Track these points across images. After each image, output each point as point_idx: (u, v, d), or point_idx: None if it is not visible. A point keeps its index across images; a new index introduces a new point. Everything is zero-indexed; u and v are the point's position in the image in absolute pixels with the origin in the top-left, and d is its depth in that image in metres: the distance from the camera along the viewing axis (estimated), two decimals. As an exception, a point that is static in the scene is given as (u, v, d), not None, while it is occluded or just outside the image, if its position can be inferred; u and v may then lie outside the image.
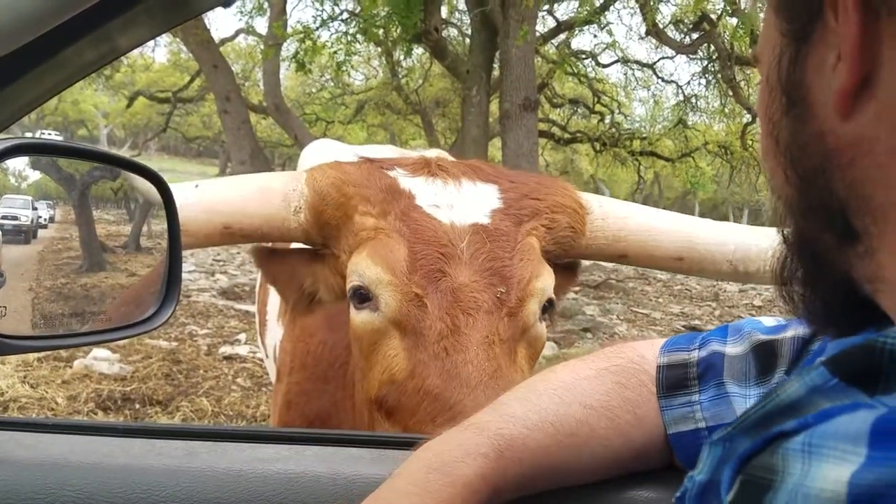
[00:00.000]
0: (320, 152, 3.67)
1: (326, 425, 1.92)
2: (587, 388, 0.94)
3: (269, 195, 1.62)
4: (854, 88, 0.56)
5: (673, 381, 0.95)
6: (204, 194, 1.60)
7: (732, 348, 0.95)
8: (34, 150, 0.98)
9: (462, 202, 1.62)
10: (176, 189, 1.68)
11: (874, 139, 0.56)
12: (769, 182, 0.71)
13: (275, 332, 2.62)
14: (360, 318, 1.51)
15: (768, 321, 0.98)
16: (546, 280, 1.58)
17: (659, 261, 1.77)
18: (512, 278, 1.52)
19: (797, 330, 0.92)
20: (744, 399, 0.90)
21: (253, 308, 9.05)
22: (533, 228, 1.61)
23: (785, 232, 0.70)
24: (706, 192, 22.89)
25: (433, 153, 2.19)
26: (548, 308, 1.58)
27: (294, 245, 1.78)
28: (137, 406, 5.64)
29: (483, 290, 1.48)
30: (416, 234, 1.54)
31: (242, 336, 7.86)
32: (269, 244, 1.78)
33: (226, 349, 7.31)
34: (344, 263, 1.58)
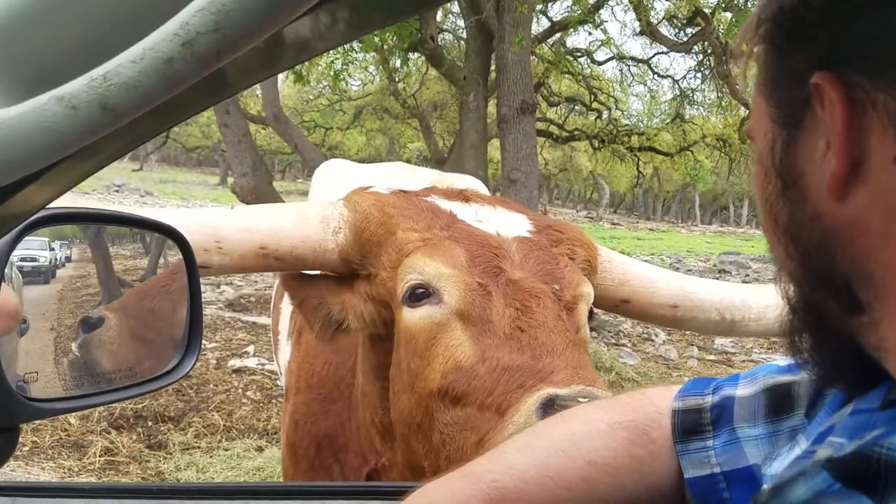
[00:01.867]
0: (333, 172, 3.74)
1: (333, 445, 1.97)
2: (596, 444, 0.94)
3: (307, 217, 1.67)
4: (845, 174, 0.57)
5: (688, 427, 0.96)
6: (240, 214, 1.66)
7: (743, 390, 0.96)
8: (60, 219, 1.02)
9: (501, 220, 1.70)
10: (211, 210, 1.74)
11: (868, 222, 0.58)
12: (771, 253, 0.72)
13: (285, 352, 2.67)
14: (417, 314, 1.53)
15: (782, 361, 0.98)
16: (590, 287, 1.65)
17: (657, 308, 1.87)
18: (563, 279, 1.59)
19: None
20: (755, 440, 0.91)
21: (260, 319, 9.10)
22: (561, 253, 1.69)
23: (789, 295, 0.71)
24: (706, 184, 22.95)
25: (464, 180, 2.29)
26: (591, 316, 1.65)
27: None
28: (150, 423, 5.69)
29: (542, 283, 1.54)
30: (468, 238, 1.60)
31: (251, 348, 7.91)
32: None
33: (235, 362, 7.35)
34: (384, 281, 1.61)
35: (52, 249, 1.54)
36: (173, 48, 0.52)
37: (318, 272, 1.79)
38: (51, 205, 0.85)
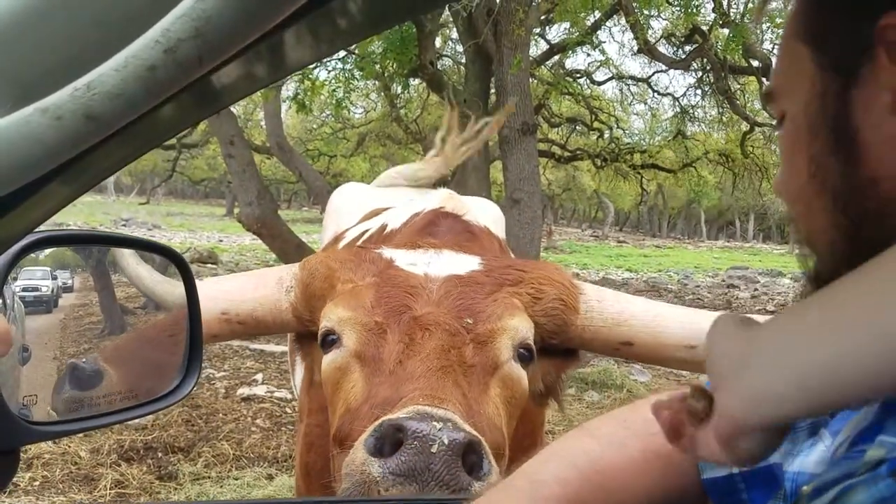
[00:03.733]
0: (350, 196, 3.78)
1: None
2: (630, 482, 0.92)
3: (265, 279, 1.73)
4: None
5: None
6: (206, 284, 1.71)
7: None
8: (55, 241, 1.03)
9: (440, 263, 1.68)
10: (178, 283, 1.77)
11: None
12: (800, 223, 0.66)
13: (300, 371, 2.69)
14: (326, 360, 1.56)
15: None
16: (521, 322, 1.56)
17: (668, 349, 1.66)
18: (481, 312, 1.54)
19: None
20: None
21: (268, 347, 9.09)
22: (516, 292, 1.62)
23: (814, 268, 0.65)
24: (710, 199, 22.90)
25: (441, 193, 2.24)
26: (526, 357, 1.56)
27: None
28: (160, 454, 5.65)
29: (447, 316, 1.51)
30: (386, 281, 1.60)
31: (259, 376, 7.88)
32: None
33: (244, 390, 7.33)
34: None
35: (54, 278, 1.55)
36: (155, 55, 0.53)
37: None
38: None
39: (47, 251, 1.35)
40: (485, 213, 2.71)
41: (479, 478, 1.21)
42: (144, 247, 1.13)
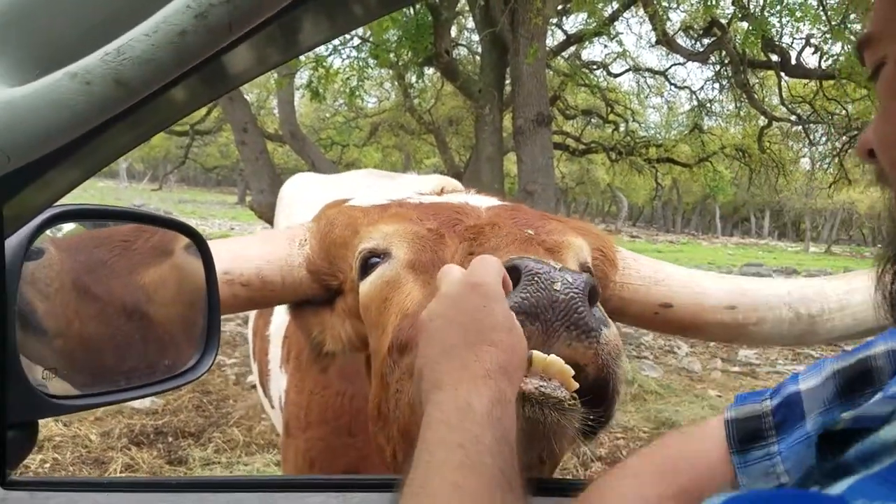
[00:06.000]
0: (299, 185, 3.59)
1: None
2: None
3: (273, 237, 1.60)
4: None
5: (747, 434, 0.91)
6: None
7: (807, 383, 0.91)
8: (75, 216, 1.03)
9: (478, 199, 1.59)
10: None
11: None
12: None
13: (279, 380, 2.49)
14: (368, 280, 1.39)
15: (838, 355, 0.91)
16: (582, 242, 1.44)
17: (710, 312, 1.55)
18: (541, 227, 1.41)
19: (889, 344, 0.86)
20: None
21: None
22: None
23: None
24: (726, 195, 22.69)
25: (434, 178, 2.11)
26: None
27: None
28: (170, 439, 5.70)
29: (509, 227, 1.37)
30: (429, 205, 1.49)
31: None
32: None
33: (253, 378, 7.36)
34: (353, 284, 1.48)
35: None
36: (186, 20, 0.52)
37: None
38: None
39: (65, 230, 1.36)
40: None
41: (605, 324, 1.06)
42: (164, 224, 1.13)
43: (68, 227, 1.15)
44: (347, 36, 10.77)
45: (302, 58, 10.20)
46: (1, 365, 0.85)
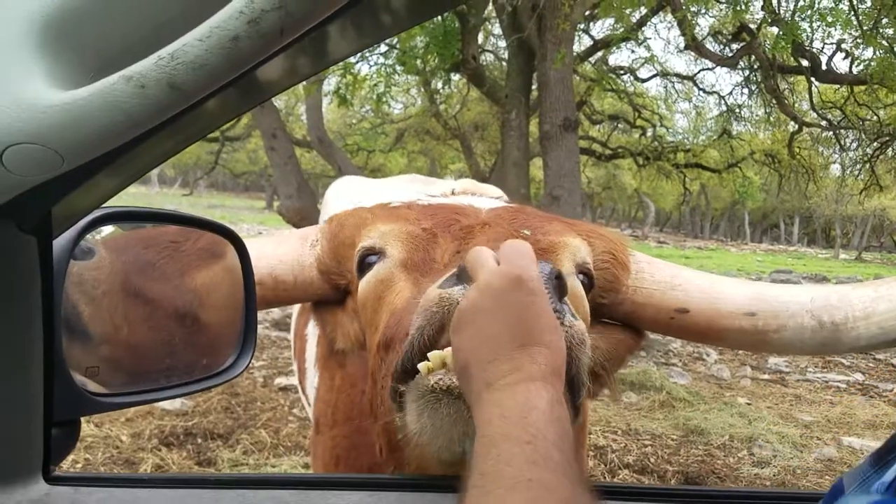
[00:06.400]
0: (345, 189, 3.62)
1: None
2: None
3: (287, 237, 1.62)
4: None
5: None
6: None
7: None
8: (118, 218, 1.05)
9: (484, 201, 1.60)
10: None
11: None
12: None
13: (314, 378, 2.51)
14: (365, 279, 1.40)
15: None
16: (581, 243, 1.44)
17: (728, 318, 1.51)
18: (539, 228, 1.42)
19: None
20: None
21: (306, 339, 9.18)
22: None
23: None
24: (755, 201, 22.46)
25: (463, 182, 2.14)
26: (585, 284, 1.42)
27: None
28: (199, 441, 5.77)
29: (502, 223, 1.38)
30: (430, 206, 1.50)
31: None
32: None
33: (281, 380, 7.43)
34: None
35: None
36: (239, 26, 0.54)
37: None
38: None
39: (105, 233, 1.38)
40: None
41: (573, 315, 1.07)
42: (204, 226, 1.15)
43: (107, 229, 1.17)
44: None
45: (330, 64, 10.27)
46: (48, 364, 0.87)
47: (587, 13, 11.17)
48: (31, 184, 0.64)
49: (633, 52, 15.02)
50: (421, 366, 1.04)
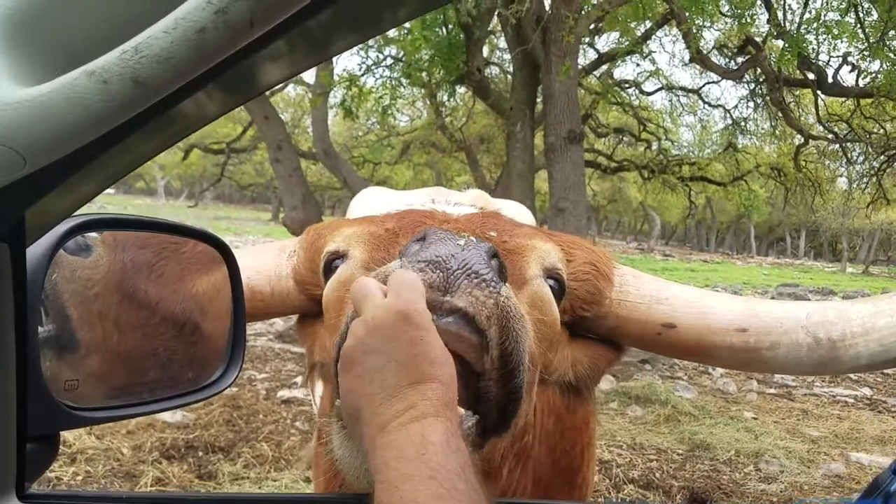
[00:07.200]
0: (369, 199, 3.64)
1: None
2: None
3: (265, 248, 1.62)
4: None
5: None
6: None
7: None
8: (100, 225, 1.02)
9: (460, 209, 1.57)
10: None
11: None
12: None
13: (319, 389, 2.51)
14: (329, 282, 1.39)
15: None
16: (552, 248, 1.42)
17: (718, 334, 1.45)
18: (508, 231, 1.41)
19: None
20: None
21: (309, 351, 9.14)
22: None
23: None
24: (761, 214, 22.36)
25: (472, 192, 2.11)
26: (556, 290, 1.39)
27: None
28: (200, 454, 5.72)
29: (469, 226, 1.38)
30: (402, 212, 1.50)
31: (299, 379, 7.93)
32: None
33: (284, 393, 7.39)
34: None
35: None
36: (206, 17, 0.50)
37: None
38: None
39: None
40: (518, 216, 2.56)
41: (505, 280, 1.08)
42: (189, 234, 1.11)
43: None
44: (381, 55, 10.88)
45: (335, 77, 10.33)
46: (22, 378, 0.84)
47: (592, 26, 11.18)
48: (-5, 186, 0.61)
49: (638, 65, 15.03)
50: None
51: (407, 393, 0.86)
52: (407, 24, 7.96)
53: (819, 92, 12.12)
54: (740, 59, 12.65)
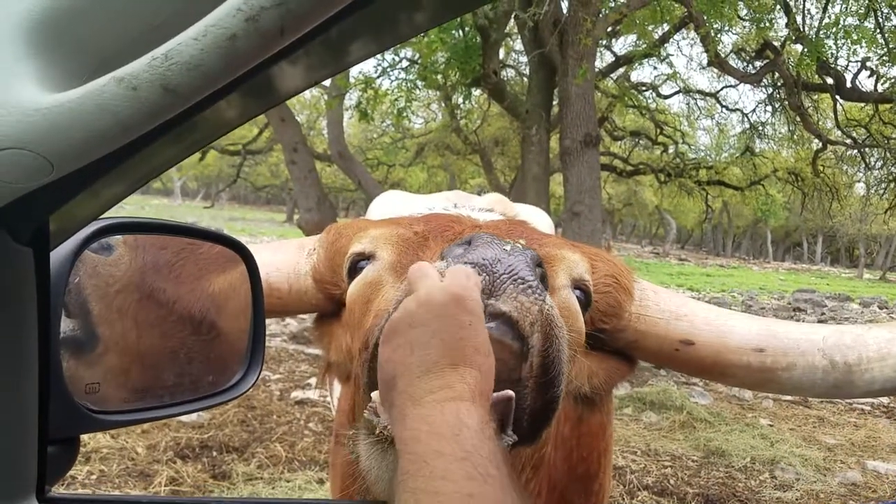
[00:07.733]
0: (388, 202, 3.65)
1: None
2: None
3: (285, 245, 1.61)
4: None
5: None
6: None
7: None
8: (121, 229, 1.02)
9: (487, 215, 1.58)
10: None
11: None
12: None
13: (337, 390, 2.50)
14: (354, 282, 1.38)
15: None
16: (580, 259, 1.41)
17: (735, 353, 1.46)
18: (535, 240, 1.40)
19: None
20: None
21: (323, 352, 9.16)
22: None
23: None
24: (778, 219, 22.19)
25: (490, 196, 2.11)
26: (582, 300, 1.38)
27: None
28: (215, 453, 5.74)
29: (497, 231, 1.36)
30: (427, 214, 1.50)
31: (313, 380, 7.95)
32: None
33: (297, 394, 7.40)
34: None
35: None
36: (236, 24, 0.50)
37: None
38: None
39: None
40: (537, 220, 2.54)
41: (547, 289, 1.08)
42: (211, 238, 1.11)
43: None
44: (396, 58, 10.90)
45: (351, 79, 10.36)
46: (44, 381, 0.84)
47: (609, 29, 11.14)
48: (21, 192, 0.61)
49: (655, 68, 14.96)
50: (374, 394, 1.02)
51: (446, 371, 0.86)
52: (423, 27, 7.97)
53: (837, 97, 12.02)
54: (758, 63, 12.57)
